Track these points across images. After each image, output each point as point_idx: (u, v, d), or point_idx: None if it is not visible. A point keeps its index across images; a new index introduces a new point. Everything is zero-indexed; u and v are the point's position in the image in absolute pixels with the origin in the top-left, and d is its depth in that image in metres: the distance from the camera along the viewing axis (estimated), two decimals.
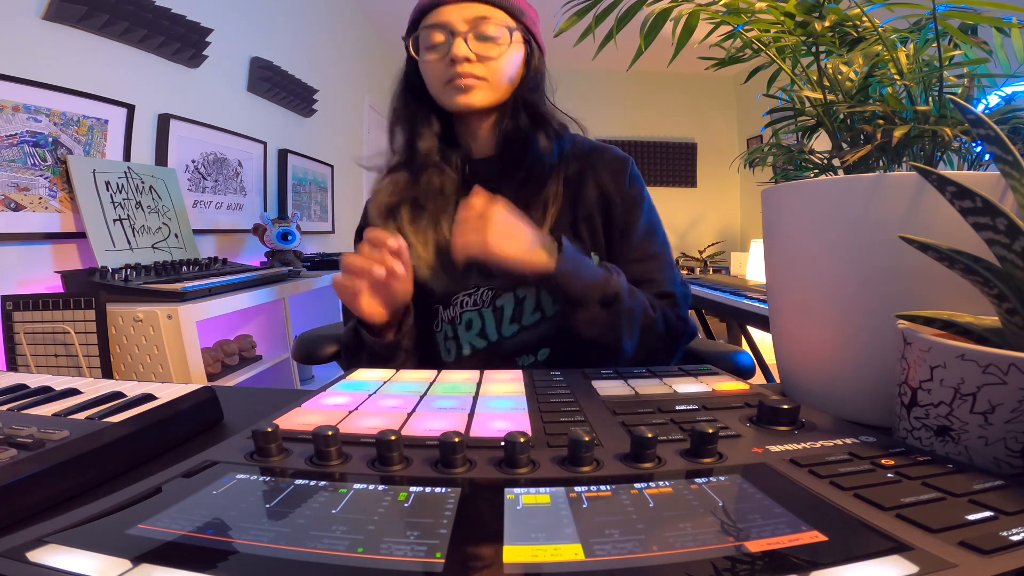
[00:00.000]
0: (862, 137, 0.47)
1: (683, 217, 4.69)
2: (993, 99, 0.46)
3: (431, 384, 0.46)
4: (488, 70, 0.68)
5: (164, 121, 1.65)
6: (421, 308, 0.73)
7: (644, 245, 0.72)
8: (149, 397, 0.44)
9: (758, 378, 1.78)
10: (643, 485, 0.26)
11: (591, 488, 0.26)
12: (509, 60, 0.69)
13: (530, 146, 0.71)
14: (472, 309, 0.71)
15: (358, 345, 0.67)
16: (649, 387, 0.44)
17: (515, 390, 0.44)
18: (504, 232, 0.60)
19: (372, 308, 0.63)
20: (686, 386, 0.44)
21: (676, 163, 4.73)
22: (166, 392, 0.45)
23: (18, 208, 1.20)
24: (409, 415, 0.37)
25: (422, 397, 0.42)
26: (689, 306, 0.74)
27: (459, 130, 0.76)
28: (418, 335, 0.75)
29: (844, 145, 0.48)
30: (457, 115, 0.75)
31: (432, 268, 0.70)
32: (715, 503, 0.24)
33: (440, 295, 0.72)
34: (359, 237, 0.81)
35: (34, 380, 0.49)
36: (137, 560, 0.20)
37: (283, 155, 2.38)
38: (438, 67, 0.69)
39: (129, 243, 1.45)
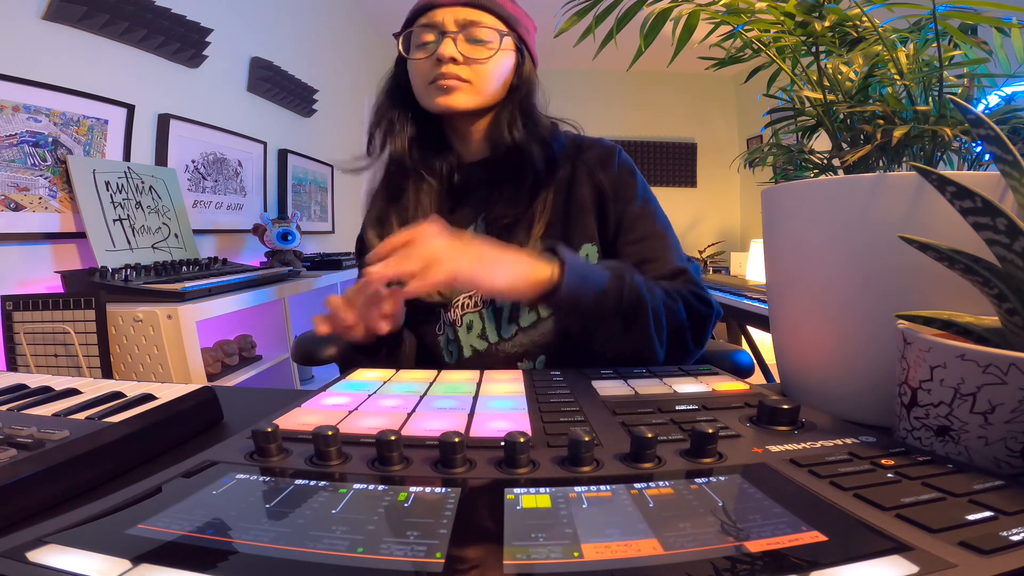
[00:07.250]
0: (862, 137, 0.46)
1: (683, 217, 4.69)
2: (993, 99, 0.46)
3: (431, 384, 0.46)
4: (474, 73, 0.67)
5: (164, 121, 1.65)
6: (422, 310, 0.73)
7: (645, 223, 0.69)
8: (149, 397, 0.44)
9: (758, 378, 1.78)
10: (643, 485, 0.26)
11: (591, 488, 0.26)
12: (497, 65, 0.68)
13: (522, 157, 0.70)
14: (472, 310, 0.71)
15: (355, 358, 0.67)
16: (649, 387, 0.44)
17: (515, 390, 0.44)
18: (487, 262, 0.53)
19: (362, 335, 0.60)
20: (686, 386, 0.44)
21: (676, 163, 4.72)
22: (166, 392, 0.45)
23: (18, 208, 1.20)
24: (409, 415, 0.37)
25: (422, 397, 0.42)
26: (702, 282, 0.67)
27: (449, 135, 0.75)
28: (419, 337, 0.75)
29: (844, 145, 0.48)
30: (446, 119, 0.74)
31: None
32: (715, 503, 0.24)
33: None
34: (360, 247, 0.80)
35: (34, 380, 0.49)
36: (137, 560, 0.20)
37: (283, 155, 2.38)
38: (424, 66, 0.68)
39: (129, 243, 1.45)
